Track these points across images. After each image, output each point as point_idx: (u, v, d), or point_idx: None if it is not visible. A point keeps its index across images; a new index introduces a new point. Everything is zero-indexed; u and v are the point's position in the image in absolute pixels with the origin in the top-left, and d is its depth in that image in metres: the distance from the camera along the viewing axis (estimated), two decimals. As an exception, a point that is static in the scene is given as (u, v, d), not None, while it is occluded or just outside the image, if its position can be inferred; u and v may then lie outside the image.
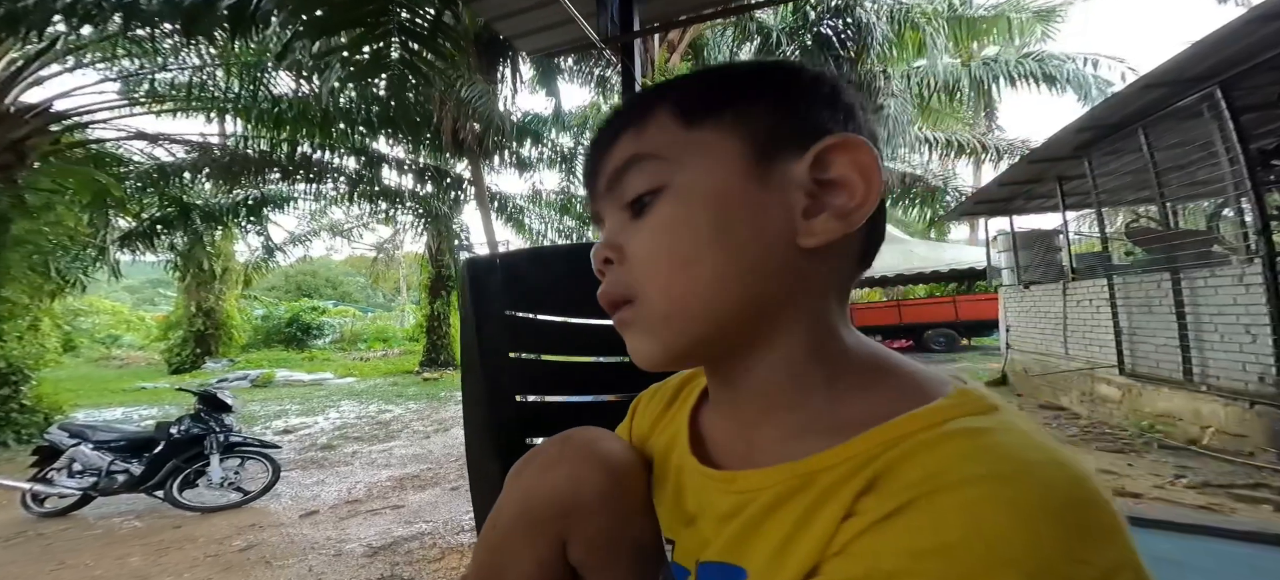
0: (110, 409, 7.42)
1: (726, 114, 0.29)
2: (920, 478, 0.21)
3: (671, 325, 0.29)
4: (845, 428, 0.26)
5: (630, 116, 0.31)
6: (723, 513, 0.29)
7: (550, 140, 9.21)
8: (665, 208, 0.29)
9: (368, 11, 2.57)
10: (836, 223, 0.28)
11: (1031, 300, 5.94)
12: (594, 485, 0.33)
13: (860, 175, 0.28)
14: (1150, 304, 3.89)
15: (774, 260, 0.28)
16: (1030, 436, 0.22)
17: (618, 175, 0.31)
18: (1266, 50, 2.85)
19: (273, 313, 16.27)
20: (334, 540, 2.70)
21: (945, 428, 0.23)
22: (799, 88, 0.30)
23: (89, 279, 7.21)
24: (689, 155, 0.29)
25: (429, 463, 4.10)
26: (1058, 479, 0.20)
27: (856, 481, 0.23)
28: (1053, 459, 0.21)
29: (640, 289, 0.30)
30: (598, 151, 0.32)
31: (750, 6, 3.20)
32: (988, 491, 0.20)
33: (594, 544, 0.33)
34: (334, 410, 6.72)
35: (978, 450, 0.21)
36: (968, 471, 0.20)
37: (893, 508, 0.21)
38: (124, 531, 2.98)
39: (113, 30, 4.05)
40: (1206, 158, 3.26)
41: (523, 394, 0.64)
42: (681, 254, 0.28)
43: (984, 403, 0.24)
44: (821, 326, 0.29)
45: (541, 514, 0.33)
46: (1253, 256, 3.05)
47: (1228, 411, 3.21)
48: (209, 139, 7.29)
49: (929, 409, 0.24)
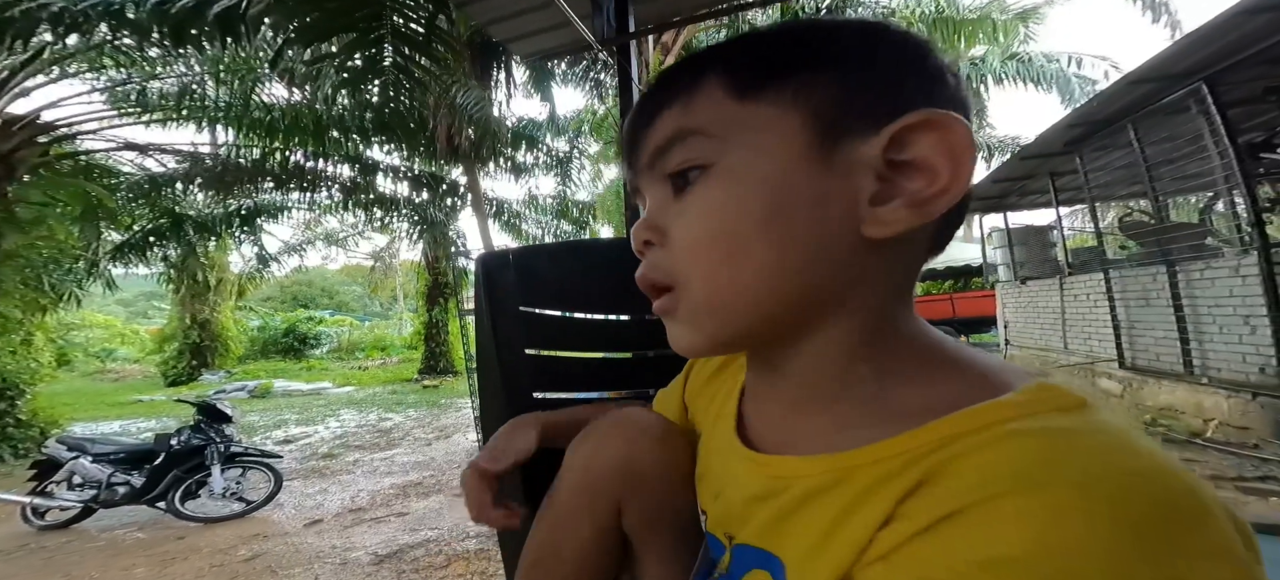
0: (107, 422, 7.33)
1: (786, 85, 0.26)
2: (978, 481, 0.19)
3: (715, 317, 0.27)
4: (895, 419, 0.24)
5: (676, 86, 0.28)
6: (753, 494, 0.29)
7: (545, 145, 9.22)
8: (712, 189, 0.27)
9: (360, 17, 2.57)
10: (910, 212, 0.24)
11: (1028, 296, 5.97)
12: (648, 454, 0.35)
13: (947, 158, 0.24)
14: (1147, 297, 3.92)
15: (833, 252, 0.25)
16: (1120, 437, 0.19)
17: (662, 150, 0.28)
18: (1251, 45, 2.88)
19: (269, 323, 16.14)
20: (339, 548, 2.67)
21: (1013, 425, 0.20)
22: (876, 54, 0.26)
23: (83, 293, 7.13)
24: (741, 133, 0.26)
25: (432, 470, 4.07)
26: (1147, 485, 0.17)
27: (901, 481, 0.21)
28: (1145, 464, 0.18)
29: (683, 276, 0.28)
30: (639, 123, 0.30)
31: (744, 6, 3.22)
32: (1059, 498, 0.17)
33: (647, 510, 0.35)
34: (334, 419, 6.67)
35: (1050, 451, 0.19)
36: (1036, 476, 0.18)
37: (945, 513, 0.19)
38: (127, 543, 2.95)
39: (100, 39, 4.02)
40: (1196, 152, 3.29)
41: (539, 390, 0.64)
42: (728, 242, 0.26)
43: (1068, 398, 0.21)
44: (878, 318, 0.27)
45: (601, 482, 0.35)
46: (1247, 248, 3.08)
47: (1230, 404, 3.23)
48: (200, 149, 7.25)
49: (996, 404, 0.21)
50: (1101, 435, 0.19)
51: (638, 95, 1.84)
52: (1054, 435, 0.19)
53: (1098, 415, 0.20)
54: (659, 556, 0.37)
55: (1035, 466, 0.18)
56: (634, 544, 0.37)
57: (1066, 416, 0.20)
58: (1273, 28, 2.74)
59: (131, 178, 7.08)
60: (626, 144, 0.31)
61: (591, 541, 0.36)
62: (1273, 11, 2.64)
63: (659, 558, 0.37)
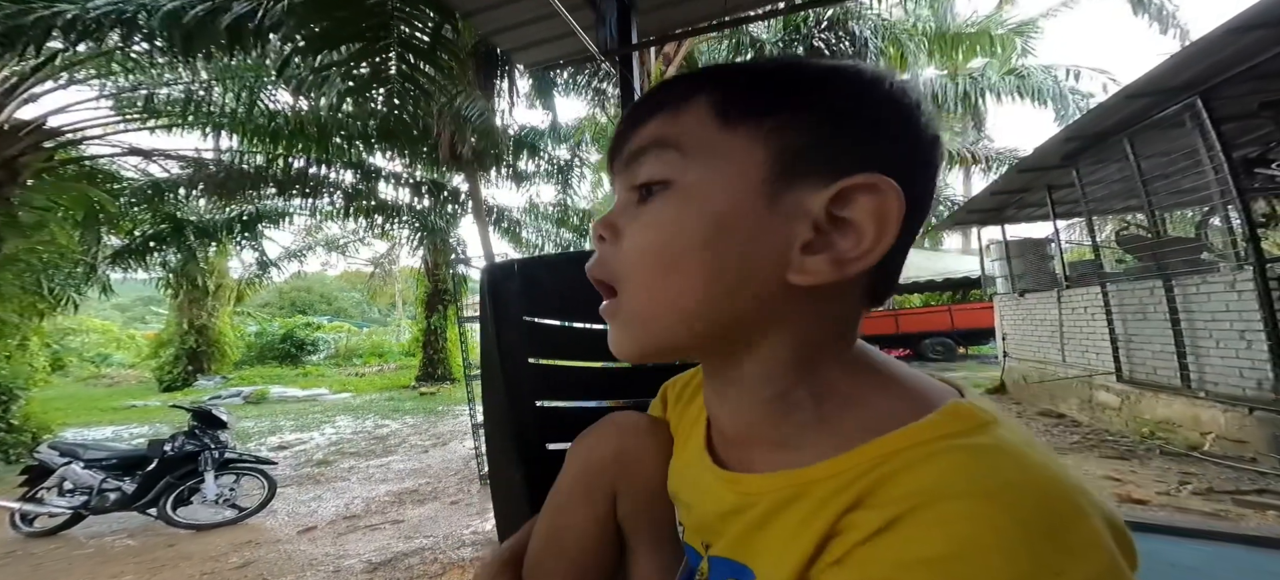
0: (100, 428, 7.27)
1: (765, 121, 0.27)
2: (908, 492, 0.22)
3: (647, 326, 0.29)
4: (838, 438, 0.26)
5: (670, 97, 0.29)
6: (726, 509, 0.30)
7: (547, 153, 9.28)
8: (666, 205, 0.28)
9: (368, 27, 2.61)
10: (830, 267, 0.26)
11: (1026, 308, 5.99)
12: (640, 445, 0.39)
13: (875, 224, 0.25)
14: (1145, 311, 3.93)
15: (757, 288, 0.27)
16: (1020, 451, 0.22)
17: (637, 154, 0.30)
18: (1244, 60, 2.92)
19: (266, 329, 16.10)
20: (332, 556, 2.65)
21: (936, 444, 0.23)
22: (855, 107, 0.27)
23: (81, 297, 7.12)
24: (709, 157, 0.27)
25: (428, 477, 4.04)
26: (1038, 494, 0.20)
27: (844, 497, 0.24)
28: (1037, 475, 0.21)
29: (625, 280, 0.29)
30: (629, 124, 0.31)
31: (746, 19, 3.27)
32: (969, 507, 0.20)
33: (639, 498, 0.38)
34: (330, 426, 6.62)
35: (965, 467, 0.22)
36: (953, 487, 0.21)
37: (884, 522, 0.22)
38: (117, 550, 2.91)
39: (110, 46, 4.06)
40: (1192, 166, 3.32)
41: (540, 399, 0.64)
42: (667, 257, 0.27)
43: (978, 418, 0.24)
44: (810, 351, 0.28)
45: (597, 472, 0.38)
46: (1243, 263, 3.10)
47: (1227, 417, 3.23)
48: (204, 155, 7.29)
49: (919, 425, 0.24)
50: (1001, 451, 0.22)
51: (639, 106, 1.85)
52: (964, 452, 0.22)
53: (1000, 431, 0.23)
54: (649, 547, 0.39)
55: (950, 481, 0.21)
56: (626, 534, 0.39)
57: (975, 435, 0.23)
58: (1266, 44, 2.79)
59: (135, 183, 7.11)
60: (613, 141, 0.33)
61: (590, 531, 0.38)
62: (1266, 28, 2.69)
63: (649, 548, 0.39)
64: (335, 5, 2.47)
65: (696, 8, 2.10)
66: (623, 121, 0.32)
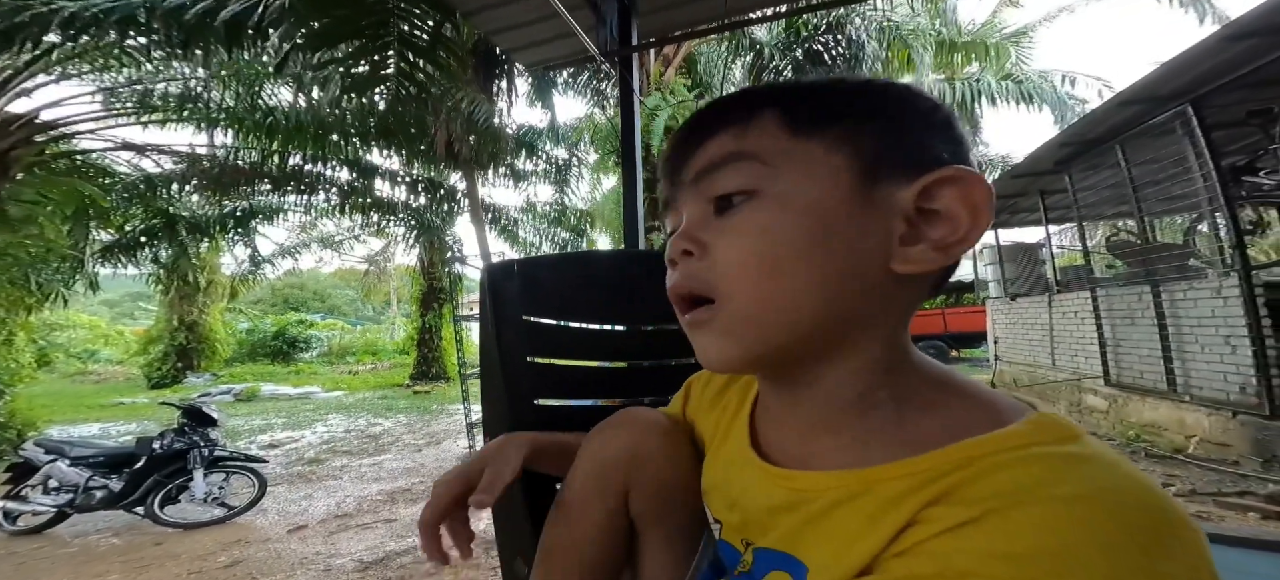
0: (87, 425, 7.18)
1: (835, 128, 0.29)
2: (997, 491, 0.22)
3: (754, 330, 0.29)
4: (913, 443, 0.26)
5: (733, 112, 0.31)
6: (776, 505, 0.31)
7: (545, 153, 9.26)
8: (758, 213, 0.29)
9: (368, 24, 2.60)
10: (935, 254, 0.27)
11: (1018, 312, 6.06)
12: (653, 442, 0.39)
13: (968, 211, 0.27)
14: (1133, 316, 3.99)
15: (864, 280, 0.28)
16: (1111, 461, 0.22)
17: (710, 169, 0.30)
18: (1234, 69, 2.97)
19: (258, 326, 15.93)
20: (323, 555, 2.63)
21: (1029, 451, 0.23)
22: (913, 113, 0.30)
23: (70, 292, 7.02)
24: (791, 164, 0.29)
25: (421, 476, 4.02)
26: (1135, 500, 0.20)
27: (925, 493, 0.24)
28: (1131, 483, 0.21)
29: (725, 290, 0.29)
30: (688, 142, 0.32)
31: (746, 22, 3.28)
32: (1064, 510, 0.20)
33: (652, 495, 0.39)
34: (321, 424, 6.57)
35: (1059, 472, 0.22)
36: (1051, 490, 0.21)
37: (968, 517, 0.22)
38: (102, 549, 2.87)
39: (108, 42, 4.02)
40: (1181, 173, 3.37)
41: (539, 397, 0.65)
42: (773, 261, 0.28)
43: (1067, 429, 0.24)
44: (893, 346, 0.30)
45: (610, 468, 0.39)
46: (1229, 270, 3.16)
47: (1211, 421, 3.28)
48: (198, 150, 7.22)
49: (1008, 432, 0.24)
50: (1099, 460, 0.22)
51: (639, 105, 1.85)
52: (1060, 459, 0.22)
53: (1093, 444, 0.24)
54: (660, 542, 0.40)
55: (1044, 483, 0.21)
56: (638, 529, 0.40)
57: (1068, 445, 0.23)
58: (1256, 53, 2.83)
59: (127, 178, 7.02)
60: (670, 159, 0.33)
61: (602, 527, 0.39)
62: (1256, 37, 2.73)
63: (660, 544, 0.40)
64: (335, 3, 2.46)
65: (696, 10, 2.11)
66: (681, 139, 0.32)
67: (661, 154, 0.35)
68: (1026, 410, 0.27)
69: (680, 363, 0.72)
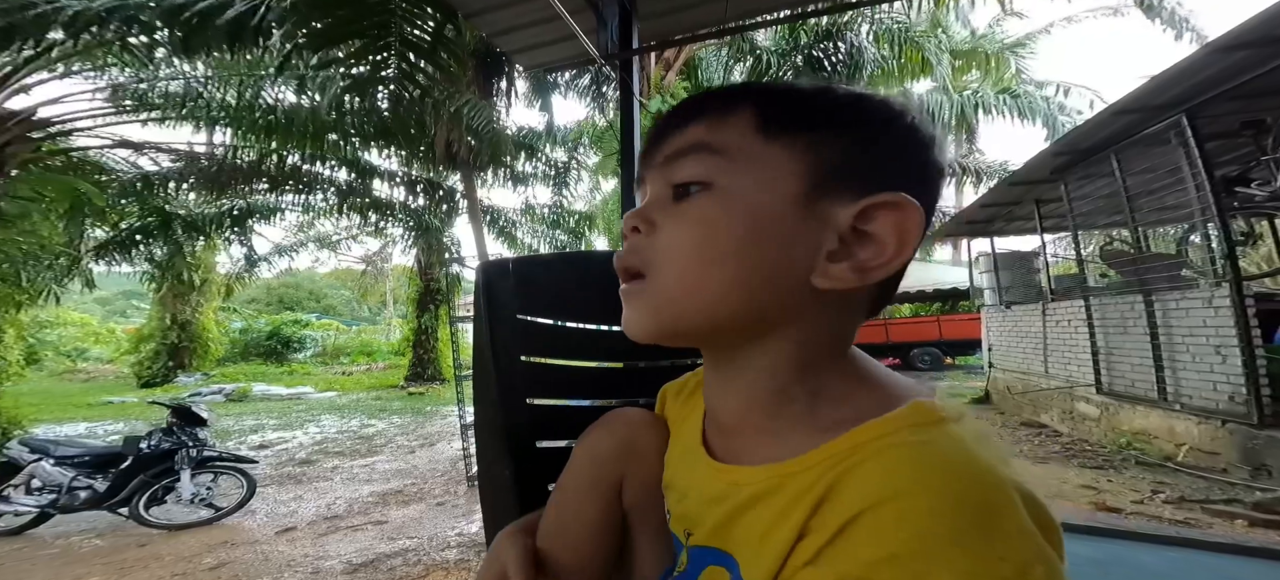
0: (73, 424, 7.09)
1: (802, 136, 0.29)
2: (863, 492, 0.23)
3: (671, 309, 0.31)
4: (818, 433, 0.28)
5: (713, 105, 0.31)
6: (711, 496, 0.32)
7: (544, 155, 9.28)
8: (707, 204, 0.30)
9: (370, 25, 2.60)
10: (853, 275, 0.28)
11: (1012, 320, 6.09)
12: (646, 439, 0.41)
13: (896, 238, 0.28)
14: (1125, 325, 4.02)
15: (782, 286, 0.29)
16: (962, 448, 0.24)
17: (678, 155, 0.31)
18: (1228, 80, 2.99)
19: (252, 326, 15.83)
20: (312, 557, 2.60)
21: (891, 439, 0.25)
22: (886, 133, 0.30)
23: (62, 290, 6.96)
24: (749, 163, 0.29)
25: (413, 478, 4.00)
26: (973, 489, 0.22)
27: (814, 493, 0.25)
28: (974, 471, 0.23)
29: (656, 267, 0.31)
30: (669, 125, 0.33)
31: (746, 27, 3.30)
32: (916, 503, 0.22)
33: (645, 486, 0.40)
34: (314, 425, 6.53)
35: (909, 462, 0.23)
36: (902, 484, 0.22)
37: (844, 522, 0.23)
38: (84, 550, 2.83)
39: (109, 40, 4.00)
40: (1174, 183, 3.40)
41: (534, 397, 0.64)
42: (705, 252, 0.29)
43: (931, 414, 0.26)
44: (813, 352, 0.30)
45: (606, 461, 0.40)
46: (1220, 280, 3.19)
47: (1201, 429, 3.31)
48: (196, 148, 7.19)
49: (881, 420, 0.26)
50: (942, 445, 0.24)
51: (639, 109, 1.86)
52: (915, 447, 0.24)
53: (950, 428, 0.25)
54: (651, 536, 0.40)
55: (899, 476, 0.23)
56: (630, 522, 0.41)
57: (926, 429, 0.25)
58: (1249, 64, 2.86)
59: (123, 175, 6.98)
60: (650, 139, 0.34)
61: (597, 520, 0.40)
62: (1250, 49, 2.76)
63: (651, 538, 0.40)
64: (337, 3, 2.46)
65: (697, 15, 2.12)
66: (662, 123, 0.33)
67: (646, 133, 0.36)
68: (914, 394, 0.28)
69: (675, 363, 0.72)
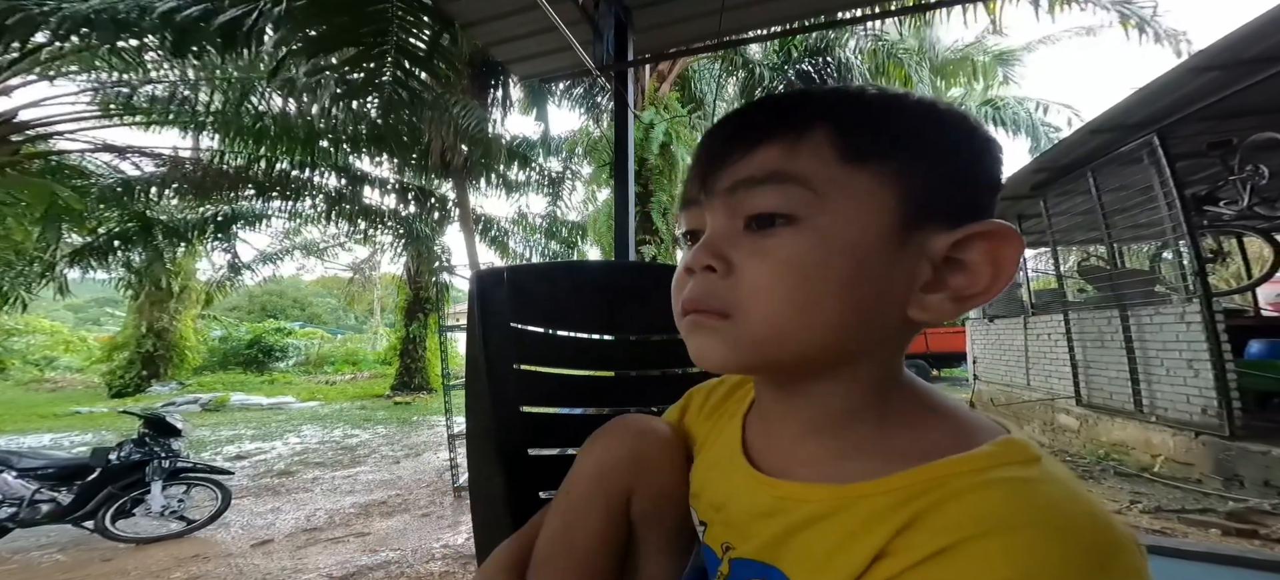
0: (38, 435, 6.79)
1: (890, 163, 0.27)
2: (965, 520, 0.22)
3: (758, 350, 0.29)
4: (890, 458, 0.27)
5: (784, 124, 0.29)
6: (759, 511, 0.31)
7: (538, 164, 9.29)
8: (796, 242, 0.27)
9: (366, 33, 2.60)
10: (951, 305, 0.27)
11: (995, 333, 6.22)
12: (656, 447, 0.40)
13: (993, 268, 0.27)
14: (1103, 339, 4.13)
15: (878, 322, 0.28)
16: (1069, 487, 0.23)
17: (749, 183, 0.29)
18: (1198, 100, 3.09)
19: (232, 334, 15.42)
20: (289, 570, 2.52)
21: (991, 474, 0.24)
22: (967, 153, 0.29)
23: (32, 296, 6.73)
24: (839, 196, 0.27)
25: (398, 489, 3.90)
26: (1092, 529, 0.21)
27: (896, 518, 0.24)
28: (1089, 510, 0.22)
29: (743, 310, 0.28)
30: (729, 146, 0.30)
31: (741, 42, 3.37)
32: (1031, 538, 0.21)
33: (653, 498, 0.39)
34: (294, 435, 6.35)
35: (1023, 499, 0.22)
36: (1014, 518, 0.22)
37: (938, 547, 0.22)
38: (45, 565, 2.71)
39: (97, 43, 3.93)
40: (1147, 201, 3.52)
41: (527, 405, 0.65)
42: (799, 297, 0.27)
43: (1028, 453, 0.25)
44: (886, 372, 0.30)
45: (613, 472, 0.39)
46: (1191, 296, 3.29)
47: (1176, 440, 3.39)
48: (181, 153, 7.06)
49: (974, 455, 0.25)
50: (1056, 485, 0.23)
51: (633, 120, 1.87)
52: (1023, 485, 0.23)
53: (1050, 467, 0.24)
54: (658, 546, 0.39)
55: (1009, 511, 0.22)
56: (637, 532, 0.40)
57: (1028, 468, 0.24)
58: (1216, 86, 2.97)
59: (104, 180, 6.82)
60: (707, 159, 0.31)
61: (603, 531, 0.38)
62: (1218, 70, 2.87)
63: (658, 547, 0.39)
64: (334, 10, 2.46)
65: (692, 28, 2.16)
66: (721, 143, 0.30)
67: (697, 149, 0.32)
68: (998, 432, 0.27)
69: (666, 373, 0.72)
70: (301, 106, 5.66)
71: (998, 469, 0.24)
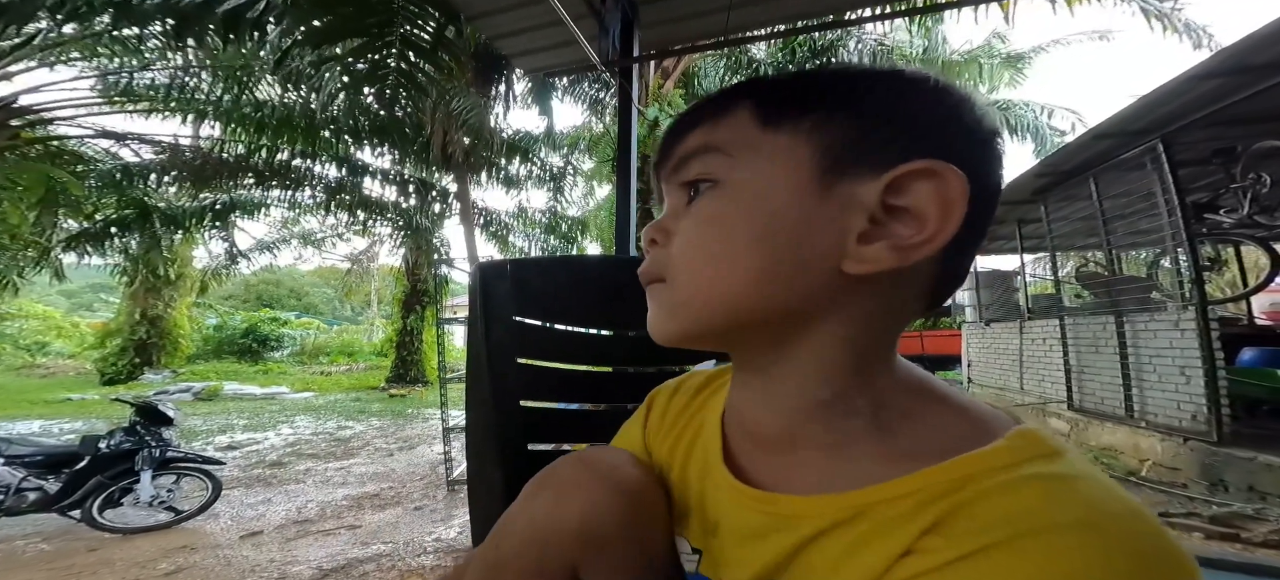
0: (27, 421, 6.74)
1: (805, 119, 0.28)
2: (999, 520, 0.21)
3: (689, 312, 0.30)
4: (895, 457, 0.25)
5: (711, 108, 0.31)
6: (751, 531, 0.28)
7: (539, 158, 9.26)
8: (713, 201, 0.29)
9: (372, 23, 2.58)
10: (890, 254, 0.26)
11: (991, 337, 6.25)
12: (614, 514, 0.31)
13: (937, 208, 0.25)
14: (1097, 344, 4.16)
15: (809, 277, 0.27)
16: (1106, 485, 0.22)
17: (684, 160, 0.31)
18: (1202, 107, 3.07)
19: (227, 322, 15.34)
20: (278, 562, 2.50)
21: (1021, 471, 0.22)
22: (896, 101, 0.28)
23: (26, 281, 6.67)
24: (753, 156, 0.28)
25: (391, 481, 3.90)
26: (1138, 529, 0.20)
27: (921, 519, 0.23)
28: (1131, 510, 0.21)
29: (672, 272, 0.30)
30: (673, 135, 0.32)
31: (746, 40, 3.36)
32: (1075, 540, 0.19)
33: (610, 573, 0.31)
34: (287, 426, 6.33)
35: (1061, 497, 0.21)
36: (1054, 518, 0.20)
37: (969, 550, 0.21)
38: (29, 555, 2.68)
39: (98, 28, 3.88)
40: (1148, 208, 3.51)
41: (526, 399, 0.64)
42: (714, 249, 0.28)
43: (1049, 445, 0.23)
44: (862, 352, 0.28)
45: (556, 545, 0.31)
46: (1187, 303, 3.31)
47: (1164, 446, 3.41)
48: (180, 141, 7.01)
49: (997, 449, 0.23)
50: (1092, 483, 0.22)
51: (637, 115, 1.87)
52: (1058, 481, 0.22)
53: (1076, 461, 0.23)
54: None
55: (1050, 510, 0.21)
56: None
57: (1052, 462, 0.23)
58: (1222, 92, 2.94)
59: (103, 166, 6.76)
60: (659, 152, 0.33)
61: None
62: (1223, 77, 2.85)
63: None
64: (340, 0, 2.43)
65: (698, 25, 2.15)
66: (668, 134, 0.33)
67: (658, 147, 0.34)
68: (1007, 422, 0.26)
69: (663, 370, 0.72)
70: (304, 97, 5.62)
71: (1025, 465, 0.22)
